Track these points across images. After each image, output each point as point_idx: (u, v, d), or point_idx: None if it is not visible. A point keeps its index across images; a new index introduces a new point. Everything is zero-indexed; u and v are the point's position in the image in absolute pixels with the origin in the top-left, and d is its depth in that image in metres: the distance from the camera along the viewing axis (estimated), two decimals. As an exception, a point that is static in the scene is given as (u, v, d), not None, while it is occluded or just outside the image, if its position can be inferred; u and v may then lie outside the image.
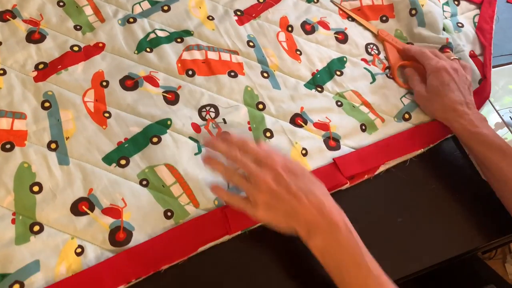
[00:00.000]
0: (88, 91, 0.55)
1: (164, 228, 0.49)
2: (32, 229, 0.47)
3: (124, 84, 0.57)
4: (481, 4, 0.74)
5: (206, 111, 0.57)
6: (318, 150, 0.57)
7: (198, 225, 0.49)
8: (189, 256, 0.48)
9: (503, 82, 0.68)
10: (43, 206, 0.48)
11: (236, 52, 0.62)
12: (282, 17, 0.67)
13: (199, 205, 0.51)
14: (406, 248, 0.53)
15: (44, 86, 0.54)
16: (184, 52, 0.60)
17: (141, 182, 0.51)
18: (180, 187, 0.51)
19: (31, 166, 0.50)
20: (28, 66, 0.55)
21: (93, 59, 0.57)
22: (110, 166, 0.52)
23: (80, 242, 0.47)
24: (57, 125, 0.53)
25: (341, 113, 0.61)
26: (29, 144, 0.51)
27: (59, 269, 0.45)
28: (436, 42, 0.66)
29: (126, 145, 0.53)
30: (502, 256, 1.24)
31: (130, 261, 0.46)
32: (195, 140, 0.55)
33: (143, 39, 0.60)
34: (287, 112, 0.59)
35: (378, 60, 0.66)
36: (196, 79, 0.59)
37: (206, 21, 0.64)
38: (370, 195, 0.56)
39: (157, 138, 0.54)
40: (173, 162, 0.52)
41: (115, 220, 0.49)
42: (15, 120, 0.52)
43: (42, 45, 0.57)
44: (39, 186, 0.49)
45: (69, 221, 0.48)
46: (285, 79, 0.62)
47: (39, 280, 0.45)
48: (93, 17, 0.61)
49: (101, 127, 0.54)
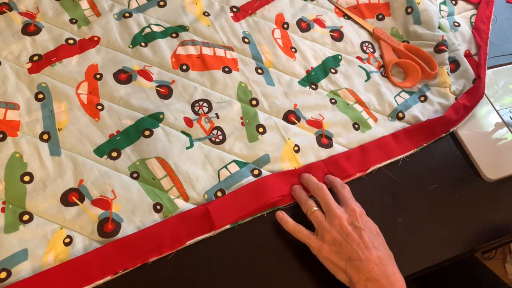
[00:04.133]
0: (81, 83, 0.56)
1: (153, 220, 0.49)
2: (22, 218, 0.47)
3: (117, 77, 0.57)
4: (478, 4, 0.74)
5: (199, 105, 0.57)
6: (310, 147, 0.57)
7: (186, 219, 0.49)
8: (177, 249, 0.48)
9: (503, 82, 0.68)
10: (33, 195, 0.48)
11: (231, 48, 0.62)
12: (278, 14, 0.67)
13: (188, 199, 0.51)
14: (406, 248, 0.53)
15: (38, 78, 0.55)
16: (178, 47, 0.61)
17: (132, 174, 0.52)
18: (171, 180, 0.52)
19: (23, 156, 0.50)
20: (22, 58, 0.56)
21: (88, 52, 0.58)
22: (101, 158, 0.52)
23: (69, 232, 0.47)
24: (50, 116, 0.53)
25: (335, 111, 0.61)
26: (22, 134, 0.51)
27: (46, 258, 0.46)
28: (431, 40, 0.66)
29: (118, 137, 0.53)
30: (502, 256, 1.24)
31: (118, 252, 0.47)
32: (187, 134, 0.55)
33: (138, 33, 0.60)
34: (280, 109, 0.59)
35: (373, 59, 0.66)
36: (190, 74, 0.59)
37: (202, 17, 0.64)
38: (370, 195, 0.56)
39: (149, 132, 0.54)
40: (164, 155, 0.53)
41: (104, 212, 0.49)
42: (8, 111, 0.52)
43: (38, 37, 0.57)
44: (30, 176, 0.49)
45: (59, 211, 0.48)
46: (280, 76, 0.62)
47: (26, 268, 0.45)
48: (89, 11, 0.61)
49: (94, 119, 0.54)
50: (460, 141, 0.61)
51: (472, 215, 0.56)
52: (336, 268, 0.46)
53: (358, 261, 0.45)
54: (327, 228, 0.47)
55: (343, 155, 0.57)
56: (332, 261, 0.46)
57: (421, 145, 0.59)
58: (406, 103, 0.63)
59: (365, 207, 0.52)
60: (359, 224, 0.47)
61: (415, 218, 0.55)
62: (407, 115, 0.62)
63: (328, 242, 0.47)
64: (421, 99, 0.63)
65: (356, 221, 0.47)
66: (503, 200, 0.58)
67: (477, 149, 0.60)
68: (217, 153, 0.54)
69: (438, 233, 0.55)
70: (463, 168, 0.60)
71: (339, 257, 0.46)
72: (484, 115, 0.63)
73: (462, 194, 0.57)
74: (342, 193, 0.51)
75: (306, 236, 0.48)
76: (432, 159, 0.60)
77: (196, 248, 0.49)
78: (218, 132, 0.56)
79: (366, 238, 0.46)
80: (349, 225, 0.47)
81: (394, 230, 0.54)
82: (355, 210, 0.48)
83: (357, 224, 0.47)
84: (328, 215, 0.48)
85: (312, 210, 0.50)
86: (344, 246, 0.46)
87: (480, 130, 0.62)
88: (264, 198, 0.51)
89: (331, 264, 0.47)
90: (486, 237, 0.55)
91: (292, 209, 0.53)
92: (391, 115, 0.62)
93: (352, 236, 0.46)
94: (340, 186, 0.52)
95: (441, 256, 0.53)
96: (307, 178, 0.53)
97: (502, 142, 0.61)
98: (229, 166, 0.54)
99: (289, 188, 0.54)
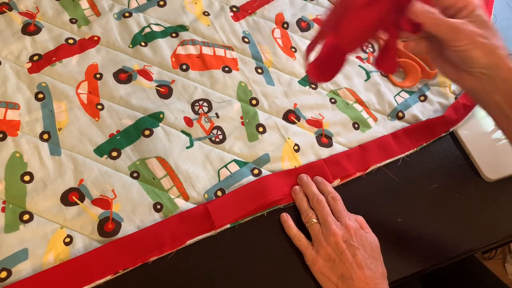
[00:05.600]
0: (81, 83, 0.56)
1: (153, 220, 0.49)
2: (22, 218, 0.47)
3: (118, 77, 0.57)
4: (478, 4, 0.74)
5: (199, 105, 0.57)
6: (310, 147, 0.57)
7: (187, 218, 0.49)
8: (177, 249, 0.48)
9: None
10: (33, 195, 0.48)
11: (230, 47, 0.62)
12: (278, 14, 0.67)
13: (189, 199, 0.51)
14: (406, 248, 0.53)
15: (38, 78, 0.55)
16: (178, 46, 0.61)
17: (132, 174, 0.52)
18: (171, 180, 0.52)
19: (23, 156, 0.50)
20: (22, 58, 0.56)
21: (88, 52, 0.58)
22: (101, 158, 0.52)
23: (69, 232, 0.48)
24: (50, 116, 0.53)
25: (335, 110, 0.61)
26: (22, 134, 0.51)
27: (47, 258, 0.46)
28: (431, 41, 0.66)
29: (118, 137, 0.53)
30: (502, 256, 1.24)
31: (118, 252, 0.47)
32: (187, 134, 0.55)
33: (138, 33, 0.60)
34: (280, 108, 0.59)
35: (373, 58, 0.66)
36: (190, 74, 0.59)
37: (202, 17, 0.64)
38: (370, 194, 0.56)
39: (149, 131, 0.54)
40: (164, 155, 0.53)
41: (104, 211, 0.49)
42: (8, 110, 0.52)
43: (38, 37, 0.57)
44: (30, 175, 0.49)
45: (59, 211, 0.48)
46: (279, 76, 0.62)
47: (27, 268, 0.45)
48: (89, 10, 0.61)
49: (94, 119, 0.54)
50: (460, 141, 0.61)
51: (472, 215, 0.56)
52: (329, 282, 0.48)
53: (349, 279, 0.46)
54: (323, 244, 0.48)
55: (343, 154, 0.57)
56: (325, 275, 0.48)
57: (421, 144, 0.59)
58: (406, 102, 0.63)
59: (365, 207, 0.52)
60: (354, 242, 0.48)
61: (415, 218, 0.55)
62: (407, 114, 0.62)
63: (323, 257, 0.48)
64: (421, 99, 0.63)
65: (351, 239, 0.48)
66: (503, 200, 0.58)
67: (477, 149, 0.60)
68: (217, 153, 0.54)
69: (438, 233, 0.55)
70: (463, 168, 0.60)
71: (332, 272, 0.47)
72: (484, 115, 0.63)
73: (462, 194, 0.58)
74: (335, 208, 0.51)
75: (304, 246, 0.50)
76: (432, 158, 0.60)
77: (196, 248, 0.49)
78: (218, 132, 0.56)
79: (360, 257, 0.47)
80: (344, 243, 0.48)
81: (394, 230, 0.54)
82: (350, 227, 0.49)
83: (351, 243, 0.48)
84: (325, 230, 0.49)
85: (312, 222, 0.50)
86: (337, 263, 0.47)
87: (480, 130, 0.62)
88: (264, 198, 0.51)
89: (323, 277, 0.48)
90: (486, 237, 0.55)
91: (294, 208, 0.53)
92: (391, 115, 0.62)
93: (345, 255, 0.47)
94: (332, 200, 0.52)
95: (441, 256, 0.53)
96: (306, 184, 0.53)
97: (502, 142, 0.61)
98: (229, 166, 0.54)
99: (289, 188, 0.54)
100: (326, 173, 0.55)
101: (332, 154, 0.57)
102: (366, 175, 0.57)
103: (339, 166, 0.56)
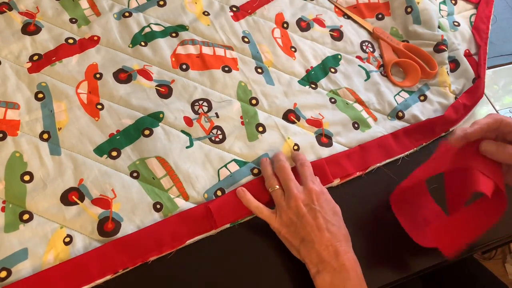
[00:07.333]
0: (81, 83, 0.56)
1: (153, 220, 0.49)
2: (22, 218, 0.47)
3: (117, 77, 0.57)
4: (478, 3, 0.74)
5: (199, 105, 0.57)
6: (310, 146, 0.57)
7: (186, 218, 0.49)
8: (176, 249, 0.48)
9: (503, 82, 0.68)
10: (33, 195, 0.48)
11: (230, 47, 0.62)
12: (278, 14, 0.67)
13: (188, 198, 0.51)
14: (406, 248, 0.53)
15: (38, 77, 0.55)
16: (178, 46, 0.61)
17: (132, 174, 0.52)
18: (171, 179, 0.52)
19: (23, 156, 0.50)
20: (22, 57, 0.56)
21: (88, 52, 0.58)
22: (101, 158, 0.52)
23: (69, 232, 0.48)
24: (50, 115, 0.53)
25: (335, 110, 0.61)
26: (22, 133, 0.51)
27: (47, 257, 0.46)
28: (431, 39, 0.66)
29: (118, 137, 0.53)
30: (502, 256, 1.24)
31: (118, 252, 0.47)
32: (187, 134, 0.55)
33: (138, 33, 0.60)
34: (280, 108, 0.59)
35: (373, 58, 0.66)
36: (189, 74, 0.59)
37: (202, 17, 0.64)
38: (370, 194, 0.56)
39: (149, 131, 0.54)
40: (164, 155, 0.53)
41: (104, 211, 0.49)
42: (8, 110, 0.52)
43: (37, 37, 0.57)
44: (30, 175, 0.49)
45: (59, 211, 0.48)
46: (279, 75, 0.62)
47: (27, 267, 0.45)
48: (89, 10, 0.61)
49: (94, 118, 0.54)
50: (460, 140, 0.61)
51: (472, 215, 0.56)
52: (292, 247, 0.48)
53: (310, 243, 0.46)
54: (284, 209, 0.48)
55: (343, 154, 0.57)
56: (288, 240, 0.48)
57: (420, 144, 0.59)
58: (406, 102, 0.63)
59: (364, 206, 0.52)
60: (315, 205, 0.47)
61: (415, 218, 0.55)
62: (406, 114, 0.62)
63: (285, 222, 0.48)
64: (421, 99, 0.63)
65: (312, 202, 0.48)
66: (502, 199, 0.58)
67: (477, 149, 0.60)
68: (217, 152, 0.54)
69: (438, 233, 0.55)
70: (463, 167, 0.60)
71: (294, 236, 0.48)
72: (484, 115, 0.63)
73: (462, 194, 0.57)
74: (302, 172, 0.51)
75: (267, 216, 0.49)
76: (432, 158, 0.59)
77: (196, 247, 0.49)
78: (218, 132, 0.56)
79: (321, 220, 0.47)
80: (304, 206, 0.48)
81: (394, 230, 0.54)
82: (312, 190, 0.49)
83: (312, 206, 0.47)
84: (287, 195, 0.49)
85: (274, 188, 0.51)
86: (298, 227, 0.47)
87: (479, 130, 0.62)
88: (264, 197, 0.51)
89: (287, 242, 0.49)
90: (486, 237, 0.55)
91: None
92: (391, 115, 0.62)
93: (306, 218, 0.47)
94: (300, 165, 0.52)
95: (440, 256, 0.53)
96: (276, 155, 0.54)
97: (502, 142, 0.61)
98: (229, 165, 0.54)
99: None
100: (326, 173, 0.54)
101: (332, 154, 0.57)
102: (366, 175, 0.57)
103: (339, 165, 0.56)
